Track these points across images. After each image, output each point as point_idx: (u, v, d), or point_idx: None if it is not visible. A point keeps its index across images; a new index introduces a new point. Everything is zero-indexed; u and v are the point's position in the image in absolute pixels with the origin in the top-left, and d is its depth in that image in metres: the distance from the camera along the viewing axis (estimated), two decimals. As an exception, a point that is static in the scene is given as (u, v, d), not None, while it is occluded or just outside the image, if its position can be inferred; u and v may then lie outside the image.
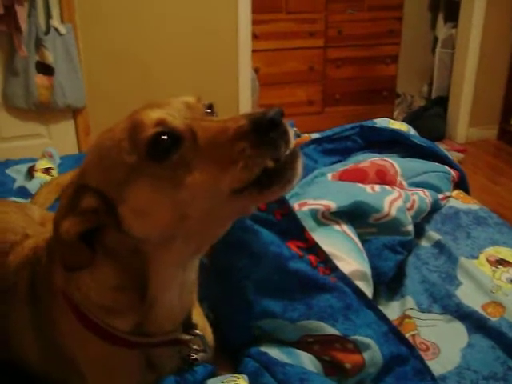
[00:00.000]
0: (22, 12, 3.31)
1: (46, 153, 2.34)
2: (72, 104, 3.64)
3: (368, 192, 1.49)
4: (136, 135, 0.83)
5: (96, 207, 0.87)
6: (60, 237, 0.88)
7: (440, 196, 1.74)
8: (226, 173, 0.79)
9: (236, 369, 1.16)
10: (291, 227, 1.26)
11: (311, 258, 1.23)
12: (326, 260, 1.25)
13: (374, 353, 1.14)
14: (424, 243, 1.60)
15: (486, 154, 4.57)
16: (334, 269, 1.24)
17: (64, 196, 0.91)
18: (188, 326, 1.05)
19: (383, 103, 5.14)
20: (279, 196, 0.86)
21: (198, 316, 1.13)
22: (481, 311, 1.32)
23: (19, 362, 1.20)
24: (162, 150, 0.81)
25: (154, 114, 0.84)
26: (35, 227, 1.36)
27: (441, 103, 4.99)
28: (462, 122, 4.79)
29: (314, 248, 1.26)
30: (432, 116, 4.86)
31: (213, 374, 1.09)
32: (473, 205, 1.77)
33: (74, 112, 3.77)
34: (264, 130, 0.79)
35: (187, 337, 1.04)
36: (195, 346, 1.05)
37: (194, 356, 1.05)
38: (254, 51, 4.24)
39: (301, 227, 1.27)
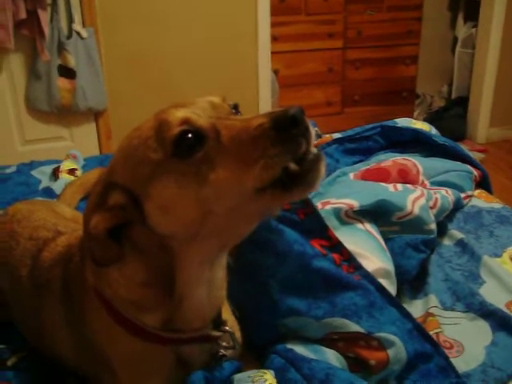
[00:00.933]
0: (44, 16, 3.36)
1: (71, 154, 2.38)
2: (93, 107, 3.68)
3: (391, 191, 1.49)
4: (162, 133, 0.85)
5: (123, 203, 0.89)
6: (89, 232, 0.90)
7: (462, 195, 1.73)
8: (248, 171, 0.80)
9: (262, 365, 1.17)
10: (314, 226, 1.27)
11: (335, 256, 1.24)
12: (349, 258, 1.25)
13: (398, 350, 1.14)
14: (446, 242, 1.59)
15: (506, 154, 4.54)
16: (358, 267, 1.25)
17: (93, 193, 0.93)
18: (218, 322, 1.06)
19: (403, 104, 5.13)
20: (303, 197, 0.86)
21: (227, 313, 1.14)
22: (505, 309, 1.31)
23: (52, 355, 1.22)
24: (187, 147, 0.83)
25: (179, 113, 0.86)
26: (67, 223, 1.38)
27: (461, 103, 4.97)
28: (483, 122, 4.76)
29: (337, 246, 1.26)
30: (452, 116, 4.84)
31: (239, 371, 1.10)
32: (495, 204, 1.77)
33: (96, 115, 3.81)
34: (285, 127, 0.79)
35: (217, 333, 1.05)
36: (224, 343, 1.07)
37: (223, 352, 1.06)
38: (273, 53, 4.26)
39: (324, 226, 1.28)
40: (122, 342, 1.02)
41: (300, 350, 1.17)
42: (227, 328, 1.07)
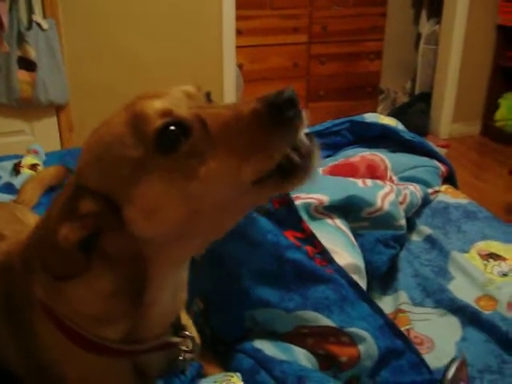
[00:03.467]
0: (3, 7, 3.26)
1: (32, 149, 2.32)
2: (55, 100, 3.60)
3: (360, 186, 1.49)
4: (140, 128, 0.76)
5: (97, 211, 0.79)
6: (58, 245, 0.78)
7: (430, 190, 1.74)
8: (244, 162, 0.75)
9: (226, 365, 1.14)
10: (289, 217, 1.25)
11: (308, 248, 1.22)
12: (322, 251, 1.24)
13: (369, 345, 1.13)
14: (415, 238, 1.60)
15: (469, 150, 4.60)
16: (331, 260, 1.24)
17: (58, 201, 0.83)
18: (178, 327, 1.00)
19: (367, 99, 5.15)
20: (301, 185, 0.82)
21: (184, 315, 1.08)
22: (474, 305, 1.32)
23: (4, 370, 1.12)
24: (171, 141, 0.76)
25: (158, 104, 0.78)
26: (16, 227, 1.26)
27: (424, 99, 5.01)
28: (446, 118, 4.81)
29: (310, 239, 1.25)
30: (416, 112, 4.88)
31: (200, 372, 1.06)
32: (462, 199, 1.78)
33: (57, 109, 3.73)
34: (282, 111, 0.73)
35: (178, 339, 0.99)
36: (184, 347, 1.00)
37: (182, 357, 1.00)
38: (238, 47, 4.22)
39: (298, 217, 1.26)
40: (76, 360, 0.94)
41: (269, 349, 1.14)
42: (187, 333, 1.01)
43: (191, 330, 1.06)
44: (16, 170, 2.13)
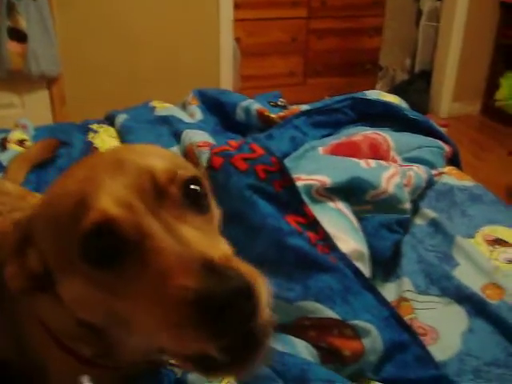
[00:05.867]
0: (-8, -25, 3.16)
1: (20, 124, 2.23)
2: (46, 72, 3.50)
3: (364, 167, 1.42)
4: (76, 216, 0.64)
5: (38, 272, 0.72)
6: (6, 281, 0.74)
7: (433, 172, 1.68)
8: (164, 330, 0.61)
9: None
10: (291, 200, 1.19)
11: (310, 235, 1.16)
12: (325, 238, 1.18)
13: (374, 339, 1.07)
14: (419, 221, 1.53)
15: (469, 129, 4.53)
16: (333, 248, 1.18)
17: (11, 234, 0.76)
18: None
19: (366, 76, 5.08)
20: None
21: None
22: (480, 293, 1.26)
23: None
24: (99, 254, 0.64)
25: (102, 203, 0.64)
26: (4, 200, 1.17)
27: (424, 77, 4.94)
28: (446, 97, 4.74)
29: (313, 224, 1.19)
30: (415, 90, 4.81)
31: None
32: (467, 181, 1.72)
33: (49, 81, 3.63)
34: (211, 316, 0.58)
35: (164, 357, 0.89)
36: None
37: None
38: (235, 20, 4.12)
39: (301, 201, 1.21)
40: (59, 360, 0.88)
41: (270, 341, 1.08)
42: None
43: None
44: (2, 145, 2.05)
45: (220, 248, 0.68)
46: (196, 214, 0.70)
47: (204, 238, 0.66)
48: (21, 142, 2.04)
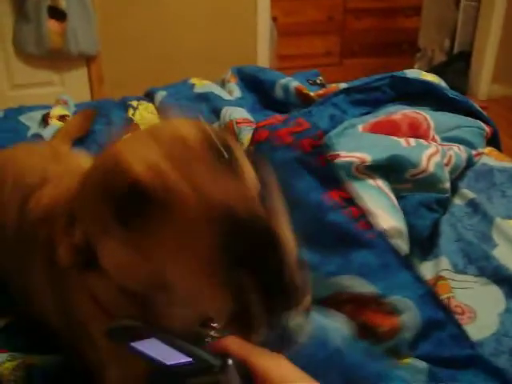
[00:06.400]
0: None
1: (61, 100, 2.27)
2: (85, 51, 3.56)
3: (403, 145, 1.41)
4: (110, 183, 0.70)
5: (83, 246, 0.76)
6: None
7: (473, 152, 1.66)
8: (198, 280, 0.63)
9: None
10: (336, 175, 1.18)
11: (353, 209, 1.16)
12: (365, 214, 1.18)
13: (412, 316, 1.08)
14: (457, 201, 1.51)
15: (507, 112, 4.45)
16: (373, 224, 1.18)
17: (60, 213, 0.81)
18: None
19: (403, 57, 5.02)
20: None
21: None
22: (519, 275, 1.25)
23: (41, 319, 1.11)
24: (133, 213, 0.67)
25: (138, 167, 0.68)
26: (56, 169, 1.22)
27: (463, 58, 4.85)
28: (485, 78, 4.66)
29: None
30: (454, 71, 4.72)
31: None
32: (506, 163, 1.69)
33: (87, 59, 3.68)
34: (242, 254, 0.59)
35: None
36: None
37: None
38: (272, 0, 4.10)
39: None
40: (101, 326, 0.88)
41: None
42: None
43: None
44: (45, 120, 2.09)
45: None
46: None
47: None
48: (62, 118, 2.08)
